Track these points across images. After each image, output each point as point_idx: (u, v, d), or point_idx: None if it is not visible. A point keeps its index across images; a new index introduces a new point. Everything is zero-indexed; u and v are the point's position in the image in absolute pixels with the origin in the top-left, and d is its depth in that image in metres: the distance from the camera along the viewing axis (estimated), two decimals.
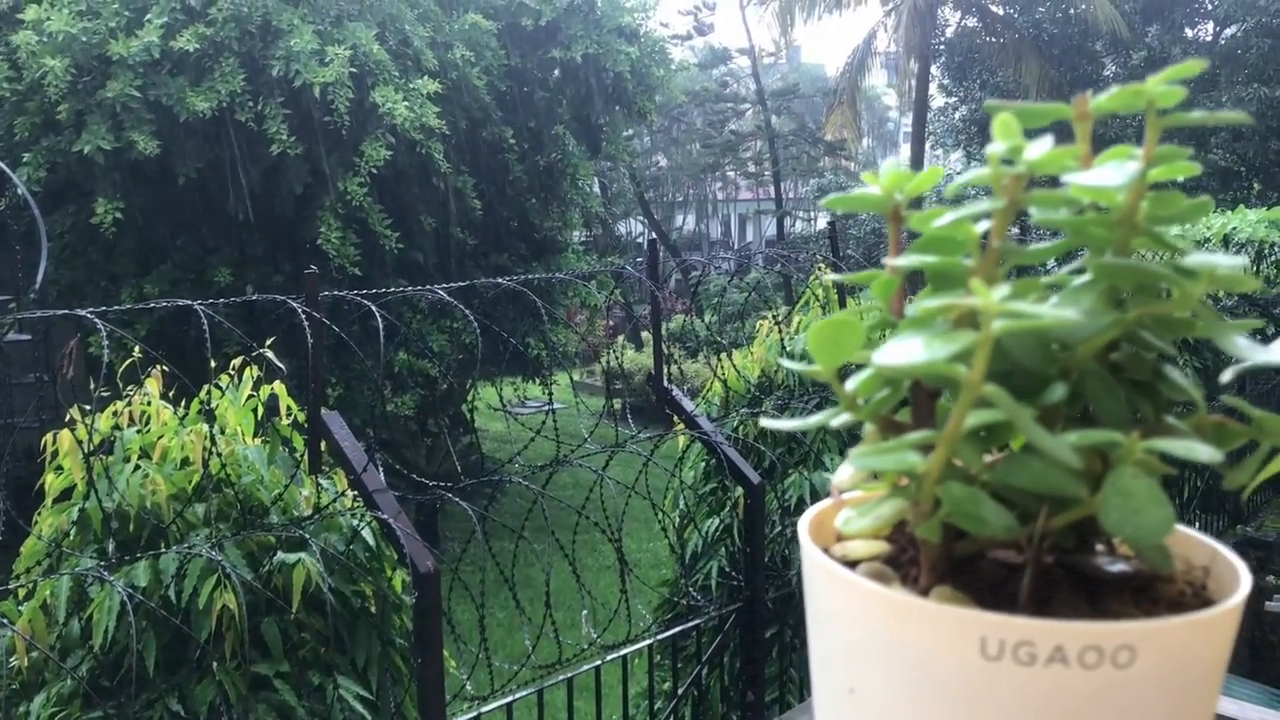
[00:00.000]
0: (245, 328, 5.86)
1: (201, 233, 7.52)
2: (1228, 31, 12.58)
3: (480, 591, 3.53)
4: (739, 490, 4.23)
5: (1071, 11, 12.46)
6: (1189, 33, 13.16)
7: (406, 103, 6.96)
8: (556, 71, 8.55)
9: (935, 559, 0.44)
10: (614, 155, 8.90)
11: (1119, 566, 0.45)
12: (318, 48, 6.88)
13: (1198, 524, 6.50)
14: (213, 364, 3.67)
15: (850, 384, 0.46)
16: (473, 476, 6.11)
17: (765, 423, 0.48)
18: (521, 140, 8.24)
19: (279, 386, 3.63)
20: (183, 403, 3.47)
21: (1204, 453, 0.40)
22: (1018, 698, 0.38)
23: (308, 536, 3.21)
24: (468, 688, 3.76)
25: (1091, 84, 12.31)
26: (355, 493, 3.47)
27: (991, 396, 0.39)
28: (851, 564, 0.46)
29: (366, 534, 3.43)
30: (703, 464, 4.70)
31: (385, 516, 3.37)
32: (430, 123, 7.04)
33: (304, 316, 3.48)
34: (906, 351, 0.38)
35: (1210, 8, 12.92)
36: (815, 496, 4.56)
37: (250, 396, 3.57)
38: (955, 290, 0.44)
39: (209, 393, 3.46)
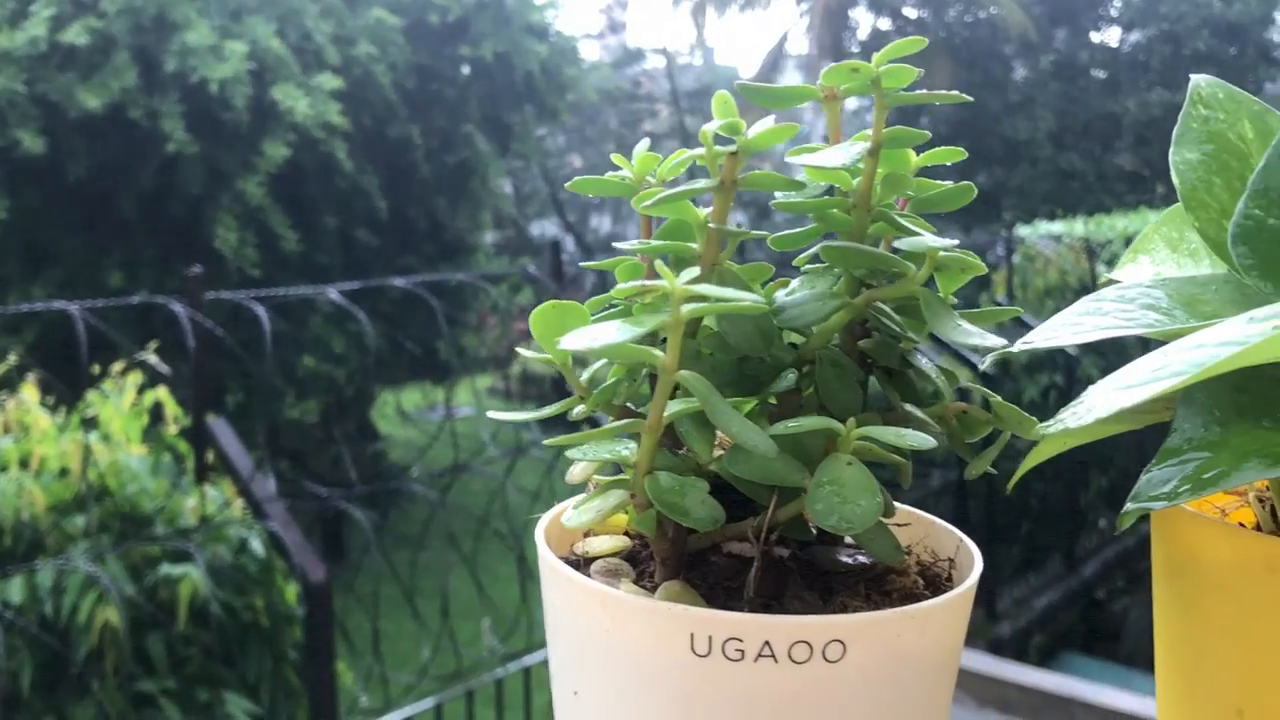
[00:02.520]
0: (139, 331, 5.69)
1: (93, 234, 7.30)
2: (1132, 37, 12.94)
3: (374, 602, 3.45)
4: None
5: (981, 15, 12.70)
6: (1095, 37, 13.51)
7: (308, 100, 6.82)
8: (466, 69, 8.45)
9: (667, 554, 0.40)
10: (526, 155, 8.82)
11: (861, 559, 0.43)
12: (215, 43, 6.71)
13: (1103, 520, 6.64)
14: (97, 369, 3.56)
15: (587, 372, 0.44)
16: (381, 484, 6.01)
17: (493, 415, 0.44)
18: (429, 139, 8.13)
19: (163, 392, 3.52)
20: (63, 410, 3.36)
21: (914, 439, 0.39)
22: (729, 695, 0.37)
23: (192, 549, 3.12)
24: (363, 701, 3.68)
25: (1001, 86, 12.55)
26: (245, 502, 3.39)
27: (685, 381, 0.36)
28: (590, 561, 0.43)
29: (256, 545, 3.33)
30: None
31: (274, 526, 3.29)
32: (333, 120, 6.92)
33: (187, 319, 3.39)
34: (594, 335, 0.35)
35: (1115, 14, 13.28)
36: None
37: (136, 403, 3.47)
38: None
39: (84, 399, 3.34)
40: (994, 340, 0.40)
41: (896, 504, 0.47)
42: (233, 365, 6.46)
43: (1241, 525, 0.51)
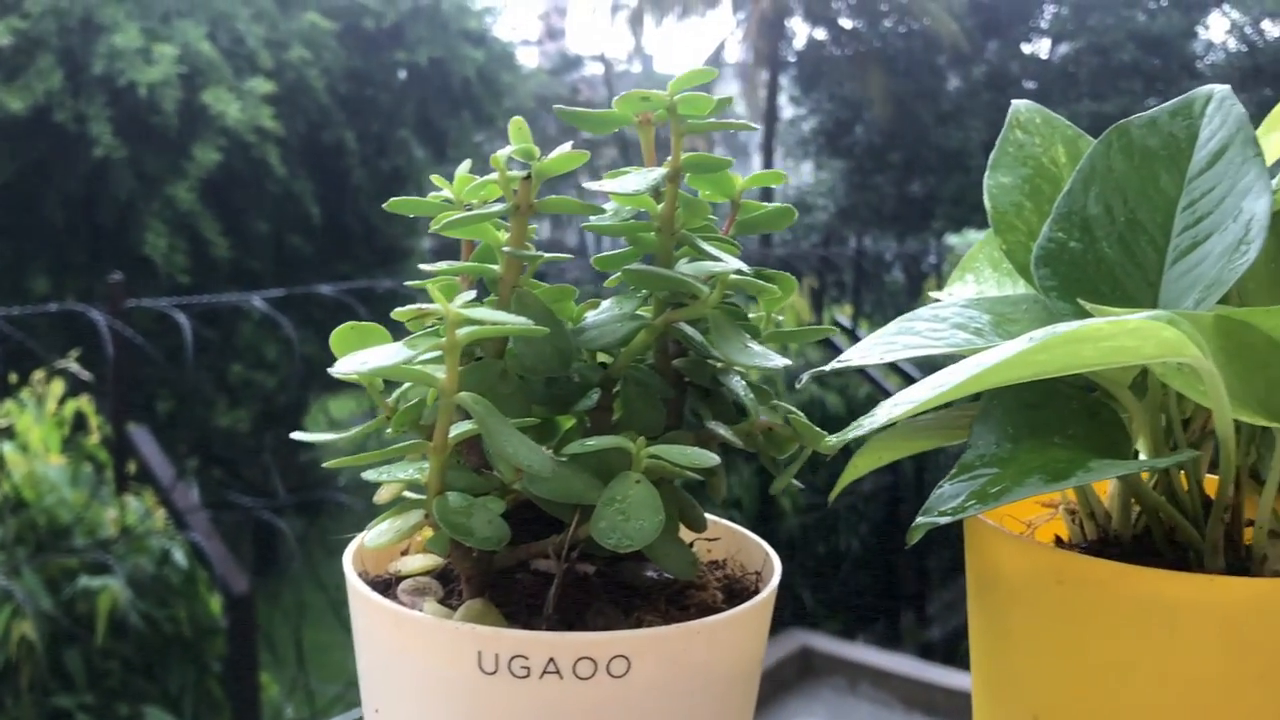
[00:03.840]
0: (65, 339, 5.58)
1: (18, 239, 7.14)
2: (1061, 49, 13.19)
3: (299, 613, 3.41)
4: None
5: (915, 26, 12.88)
6: (1026, 49, 13.76)
7: (239, 104, 6.75)
8: (402, 74, 8.41)
9: (471, 572, 0.41)
10: (463, 160, 8.74)
11: (667, 574, 0.44)
12: (143, 46, 6.61)
13: None
14: (15, 379, 3.48)
15: (397, 392, 0.44)
16: (306, 493, 5.93)
17: (296, 436, 0.44)
18: (364, 144, 8.07)
19: (85, 401, 3.47)
20: None
21: (698, 457, 0.39)
22: (518, 711, 0.37)
23: (111, 560, 3.07)
24: (288, 712, 3.63)
25: (934, 96, 12.74)
26: (166, 513, 3.34)
27: (464, 403, 0.36)
28: (402, 579, 0.44)
29: (179, 556, 3.29)
30: None
31: (195, 537, 3.24)
32: (265, 125, 6.84)
33: (106, 327, 3.34)
34: (365, 359, 0.36)
35: (1045, 26, 13.54)
36: None
37: (57, 413, 3.41)
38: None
39: (1, 409, 3.27)
40: (777, 361, 0.41)
41: (717, 519, 0.48)
42: (163, 373, 6.36)
43: (1058, 539, 0.53)
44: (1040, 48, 13.69)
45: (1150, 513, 0.47)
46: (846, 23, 12.90)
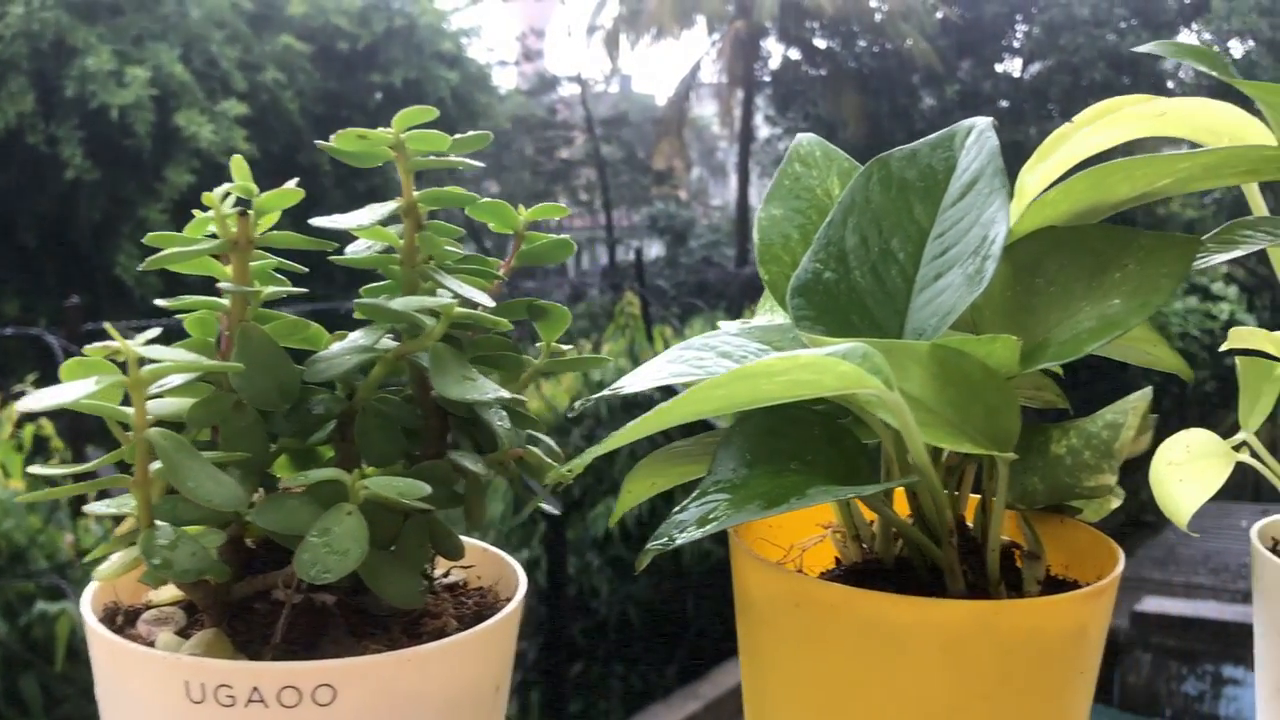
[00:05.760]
0: (27, 361, 5.57)
1: None
2: (1033, 68, 13.27)
3: None
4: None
5: (889, 47, 12.95)
6: (999, 68, 13.84)
7: (212, 126, 6.77)
8: (377, 96, 8.45)
9: (206, 602, 0.41)
10: (439, 181, 8.78)
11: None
12: (116, 68, 6.63)
13: None
14: None
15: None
16: None
17: (33, 470, 0.45)
18: (340, 165, 8.01)
19: (44, 425, 3.46)
20: None
21: (410, 488, 0.40)
22: None
23: (64, 584, 3.05)
24: None
25: (908, 116, 12.81)
26: None
27: (152, 439, 0.38)
28: (150, 608, 0.44)
29: None
30: (512, 496, 4.66)
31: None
32: (238, 146, 6.86)
33: (61, 351, 3.34)
34: (48, 395, 0.36)
35: (1017, 45, 13.63)
36: (624, 527, 4.59)
37: (15, 436, 3.40)
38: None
39: None
40: (491, 394, 0.41)
41: (487, 546, 0.49)
42: None
43: (838, 561, 0.54)
44: (1013, 67, 13.77)
45: (905, 536, 0.48)
46: (821, 43, 12.95)
